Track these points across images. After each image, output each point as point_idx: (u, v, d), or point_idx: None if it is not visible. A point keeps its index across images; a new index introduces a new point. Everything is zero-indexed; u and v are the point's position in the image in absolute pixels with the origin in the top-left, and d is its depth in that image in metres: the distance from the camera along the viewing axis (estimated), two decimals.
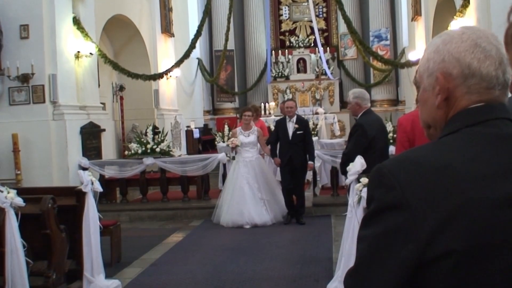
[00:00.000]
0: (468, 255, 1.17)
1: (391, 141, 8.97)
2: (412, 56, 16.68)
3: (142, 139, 11.11)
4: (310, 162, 9.53)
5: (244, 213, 9.48)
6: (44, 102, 10.18)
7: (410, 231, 1.20)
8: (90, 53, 11.45)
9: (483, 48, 1.33)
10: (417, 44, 16.99)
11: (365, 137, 6.47)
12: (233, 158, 10.18)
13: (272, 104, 20.39)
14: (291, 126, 9.48)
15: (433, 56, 1.38)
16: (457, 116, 1.34)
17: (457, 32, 1.37)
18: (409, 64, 15.96)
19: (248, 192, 9.59)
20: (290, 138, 9.42)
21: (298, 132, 9.41)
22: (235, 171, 9.82)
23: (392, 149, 8.08)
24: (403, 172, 1.24)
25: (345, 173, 5.84)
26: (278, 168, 10.13)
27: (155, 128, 11.95)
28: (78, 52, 11.16)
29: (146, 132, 11.31)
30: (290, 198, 9.63)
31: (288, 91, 22.21)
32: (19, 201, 5.12)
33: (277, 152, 9.69)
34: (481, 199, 1.19)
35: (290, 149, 9.43)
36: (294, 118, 9.54)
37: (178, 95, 17.90)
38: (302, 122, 9.63)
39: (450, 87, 1.35)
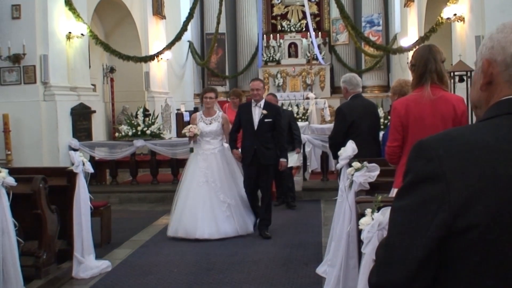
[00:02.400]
0: (492, 229, 1.24)
1: (382, 127, 8.98)
2: (404, 42, 16.68)
3: (133, 121, 11.11)
4: (282, 160, 7.69)
5: (198, 220, 7.58)
6: (35, 82, 10.16)
7: (443, 202, 1.26)
8: (82, 34, 11.39)
9: None
10: (409, 30, 16.99)
11: (344, 121, 6.60)
12: (192, 150, 8.09)
13: None
14: (257, 112, 7.64)
15: (486, 43, 1.47)
16: (498, 104, 1.41)
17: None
18: (401, 50, 15.96)
19: (206, 194, 7.70)
20: (256, 127, 7.61)
21: (266, 120, 7.57)
22: (192, 167, 7.94)
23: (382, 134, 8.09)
24: (441, 146, 1.32)
25: (336, 156, 5.91)
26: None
27: (145, 110, 11.92)
28: (70, 33, 11.11)
29: (137, 114, 11.30)
30: (255, 203, 7.97)
31: (279, 75, 22.18)
32: (11, 180, 5.11)
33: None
34: (511, 176, 1.26)
35: (255, 141, 7.60)
36: (262, 103, 7.71)
37: (169, 78, 17.85)
38: (272, 108, 7.78)
39: (493, 73, 1.44)
